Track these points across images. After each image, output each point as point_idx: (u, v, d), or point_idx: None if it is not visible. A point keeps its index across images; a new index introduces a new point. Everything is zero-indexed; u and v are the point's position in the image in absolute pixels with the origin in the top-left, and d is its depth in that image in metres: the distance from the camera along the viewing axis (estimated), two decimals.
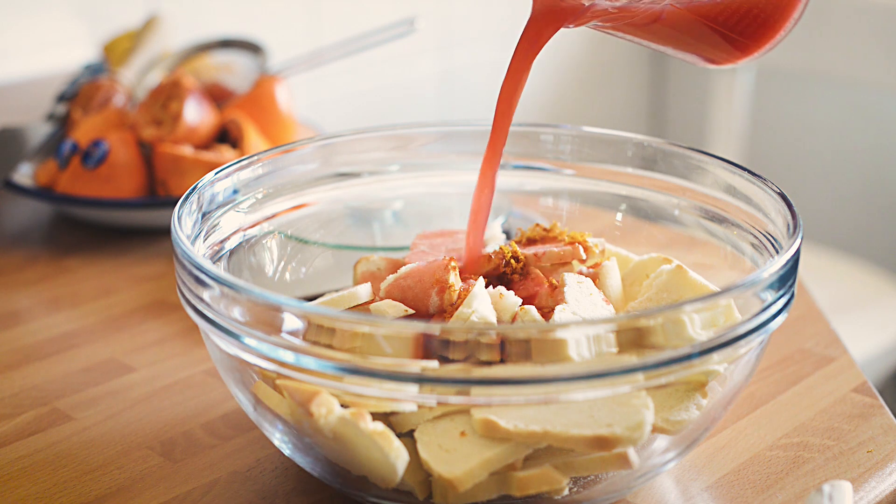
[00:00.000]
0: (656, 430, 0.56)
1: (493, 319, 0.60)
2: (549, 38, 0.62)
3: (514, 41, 0.63)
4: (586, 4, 0.59)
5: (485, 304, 0.60)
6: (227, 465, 0.64)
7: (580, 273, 0.66)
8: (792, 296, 0.58)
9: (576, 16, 0.60)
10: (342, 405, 0.55)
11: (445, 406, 0.55)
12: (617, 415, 0.54)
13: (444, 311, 0.62)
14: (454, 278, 0.62)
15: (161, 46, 1.15)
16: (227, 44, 1.13)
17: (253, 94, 1.05)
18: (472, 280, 0.65)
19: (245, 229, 0.70)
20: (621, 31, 0.60)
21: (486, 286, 0.65)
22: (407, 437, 0.56)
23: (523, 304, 0.62)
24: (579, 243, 0.67)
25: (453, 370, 0.51)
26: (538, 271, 0.66)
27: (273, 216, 0.72)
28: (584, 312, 0.61)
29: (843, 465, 0.63)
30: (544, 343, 0.51)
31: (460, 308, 0.59)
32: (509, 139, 0.76)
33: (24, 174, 1.00)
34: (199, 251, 0.64)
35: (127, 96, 1.06)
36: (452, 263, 0.63)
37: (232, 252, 0.69)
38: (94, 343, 0.79)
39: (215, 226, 0.67)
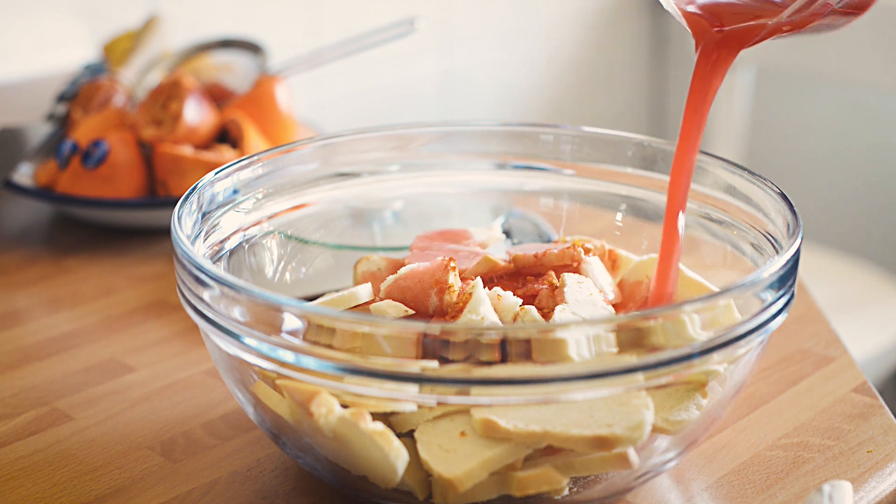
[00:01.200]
0: (656, 430, 0.56)
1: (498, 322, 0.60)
2: (729, 66, 0.59)
3: (515, 41, 0.63)
4: (762, 26, 0.58)
5: (490, 309, 0.60)
6: (227, 465, 0.64)
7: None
8: (792, 296, 0.58)
9: (751, 40, 0.58)
10: (342, 405, 0.55)
11: (445, 406, 0.55)
12: (617, 415, 0.54)
13: (444, 312, 0.62)
14: (454, 279, 0.62)
15: (161, 46, 1.15)
16: (227, 44, 1.13)
17: (253, 94, 1.05)
18: (470, 281, 0.65)
19: (245, 229, 0.70)
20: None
21: (486, 287, 0.65)
22: (407, 437, 0.56)
23: (523, 304, 0.62)
24: (579, 247, 0.67)
25: (453, 370, 0.51)
26: (552, 272, 0.66)
27: (273, 216, 0.72)
28: (584, 312, 0.61)
29: (843, 465, 0.63)
30: (544, 343, 0.51)
31: (466, 314, 0.59)
32: (508, 139, 0.76)
33: (24, 174, 1.00)
34: (199, 251, 0.64)
35: (127, 96, 1.06)
36: (452, 264, 0.63)
37: (232, 252, 0.69)
38: (94, 343, 0.79)
39: (215, 226, 0.67)
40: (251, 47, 1.12)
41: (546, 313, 0.62)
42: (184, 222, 0.62)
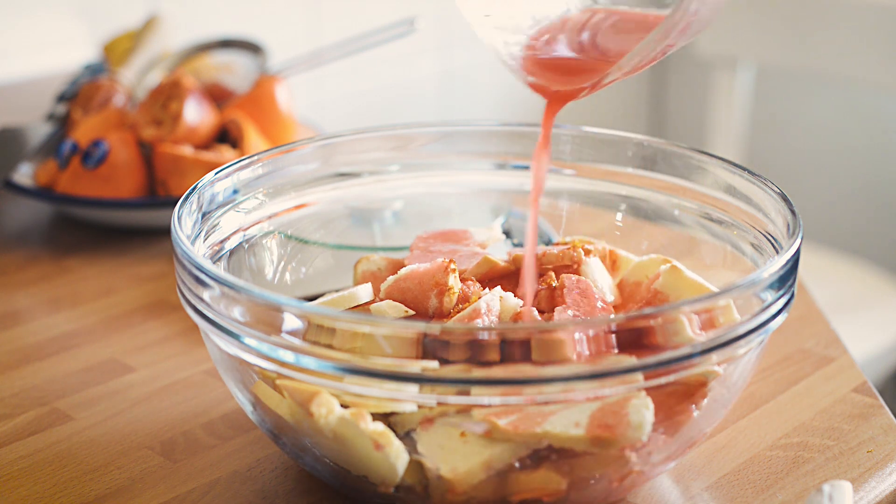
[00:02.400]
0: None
1: None
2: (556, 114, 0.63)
3: None
4: (604, 77, 0.59)
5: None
6: (227, 465, 0.64)
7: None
8: (792, 296, 0.58)
9: (590, 90, 0.61)
10: (342, 405, 0.55)
11: (445, 406, 0.55)
12: (617, 415, 0.54)
13: (443, 314, 0.62)
14: (453, 281, 0.62)
15: (161, 46, 1.15)
16: (227, 44, 1.13)
17: (253, 94, 1.05)
18: (470, 282, 0.65)
19: (245, 229, 0.70)
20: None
21: (485, 288, 0.65)
22: (407, 437, 0.56)
23: (523, 304, 0.62)
24: (579, 247, 0.67)
25: (453, 370, 0.51)
26: (552, 272, 0.66)
27: (273, 216, 0.72)
28: (583, 313, 0.61)
29: (843, 465, 0.63)
30: (544, 343, 0.51)
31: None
32: (508, 139, 0.76)
33: (24, 174, 1.00)
34: (199, 251, 0.64)
35: (127, 96, 1.06)
36: (452, 266, 0.63)
37: (232, 252, 0.69)
38: (94, 343, 0.79)
39: (215, 226, 0.67)
40: (251, 47, 1.12)
41: (546, 314, 0.62)
42: (184, 222, 0.62)
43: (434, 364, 0.51)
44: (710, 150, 1.41)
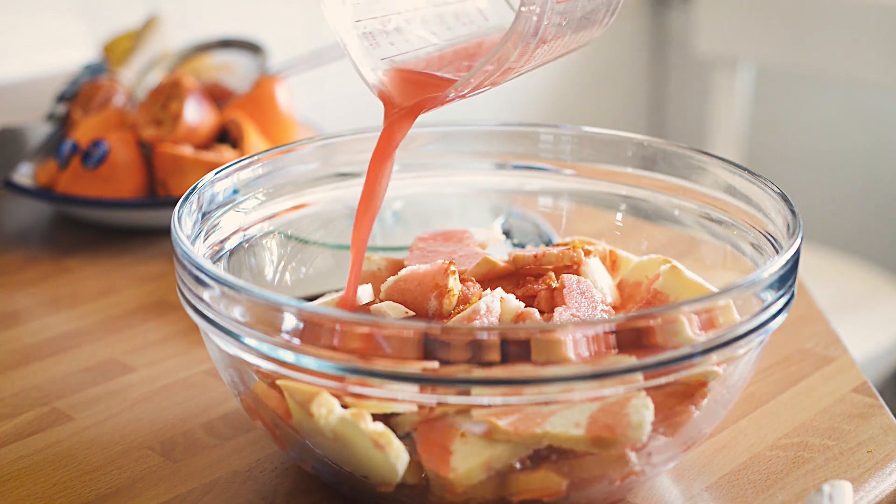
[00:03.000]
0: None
1: None
2: (408, 129, 0.63)
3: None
4: (442, 96, 0.59)
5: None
6: (227, 465, 0.64)
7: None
8: (792, 296, 0.58)
9: (431, 106, 0.61)
10: (342, 405, 0.55)
11: (445, 406, 0.55)
12: (617, 415, 0.54)
13: (443, 315, 0.62)
14: (453, 283, 0.62)
15: (161, 46, 1.15)
16: (227, 44, 1.13)
17: (253, 94, 1.05)
18: (470, 283, 0.65)
19: (245, 229, 0.70)
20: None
21: (485, 288, 0.65)
22: (407, 437, 0.56)
23: (525, 306, 0.62)
24: (579, 248, 0.67)
25: (453, 370, 0.51)
26: (552, 272, 0.66)
27: (273, 216, 0.72)
28: (583, 313, 0.61)
29: (843, 465, 0.63)
30: (544, 343, 0.51)
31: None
32: (508, 139, 0.76)
33: (24, 174, 1.00)
34: (199, 251, 0.64)
35: (127, 96, 1.06)
36: (452, 268, 0.63)
37: (232, 252, 0.69)
38: (94, 343, 0.79)
39: (215, 226, 0.67)
40: (251, 47, 1.12)
41: (546, 315, 0.62)
42: (184, 222, 0.62)
43: (434, 364, 0.51)
44: (710, 150, 1.41)
